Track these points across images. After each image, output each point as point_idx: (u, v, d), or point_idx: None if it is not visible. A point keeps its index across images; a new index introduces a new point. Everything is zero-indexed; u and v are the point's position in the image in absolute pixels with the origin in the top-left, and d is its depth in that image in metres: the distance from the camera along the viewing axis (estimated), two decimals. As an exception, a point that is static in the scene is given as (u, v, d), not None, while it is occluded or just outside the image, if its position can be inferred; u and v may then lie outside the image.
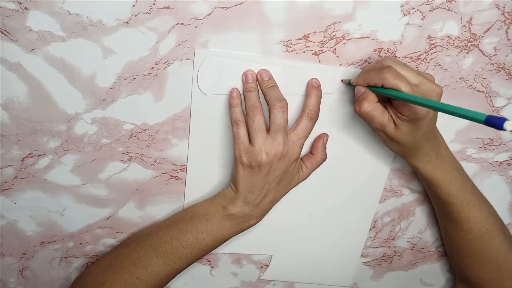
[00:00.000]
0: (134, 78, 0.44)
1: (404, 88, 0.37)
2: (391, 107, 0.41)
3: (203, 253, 0.48)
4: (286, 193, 0.48)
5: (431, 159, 0.45)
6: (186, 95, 0.45)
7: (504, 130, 0.27)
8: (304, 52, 0.43)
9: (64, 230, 0.53)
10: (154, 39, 0.42)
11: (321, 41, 0.43)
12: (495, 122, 0.28)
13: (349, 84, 0.44)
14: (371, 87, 0.40)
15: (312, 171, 0.48)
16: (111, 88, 0.44)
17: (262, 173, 0.44)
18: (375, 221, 0.56)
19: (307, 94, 0.45)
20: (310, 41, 0.43)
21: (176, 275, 0.49)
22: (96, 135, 0.47)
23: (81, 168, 0.49)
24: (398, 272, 0.61)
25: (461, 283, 0.54)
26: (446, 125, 0.49)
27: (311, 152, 0.49)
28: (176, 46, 0.42)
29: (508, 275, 0.49)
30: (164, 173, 0.50)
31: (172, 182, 0.51)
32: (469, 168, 0.53)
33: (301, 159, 0.48)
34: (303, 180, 0.48)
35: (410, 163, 0.46)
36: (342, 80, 0.45)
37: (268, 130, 0.43)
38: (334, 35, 0.43)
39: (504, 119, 0.27)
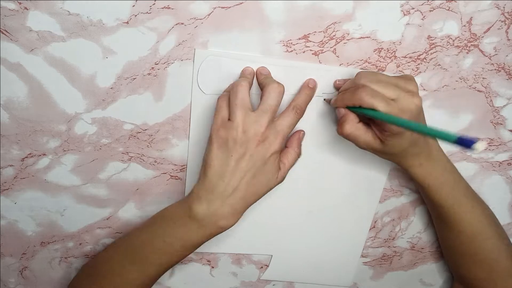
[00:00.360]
0: (134, 78, 0.44)
1: (381, 107, 0.37)
2: (374, 124, 0.40)
3: (175, 259, 0.44)
4: (263, 195, 0.43)
5: (422, 163, 0.44)
6: (186, 95, 0.45)
7: (474, 150, 0.28)
8: (304, 52, 0.43)
9: (64, 230, 0.53)
10: (154, 39, 0.42)
11: (321, 41, 0.43)
12: (466, 143, 0.28)
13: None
14: (350, 107, 0.40)
15: (288, 170, 0.44)
16: (111, 88, 0.44)
17: (235, 155, 0.39)
18: (375, 221, 0.56)
19: (299, 91, 0.44)
20: (310, 41, 0.43)
21: (153, 283, 0.46)
22: (96, 135, 0.47)
23: (81, 168, 0.49)
24: (398, 272, 0.61)
25: (457, 283, 0.54)
26: (446, 124, 0.49)
27: (286, 146, 0.45)
28: (176, 46, 0.42)
29: (501, 276, 0.48)
30: (164, 173, 0.50)
31: (172, 182, 0.51)
32: (469, 168, 0.53)
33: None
34: (281, 181, 0.44)
35: (401, 167, 0.45)
36: (324, 99, 0.45)
37: (255, 110, 0.40)
38: (334, 35, 0.43)
39: (473, 141, 0.28)
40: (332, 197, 0.53)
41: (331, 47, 0.43)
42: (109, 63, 0.42)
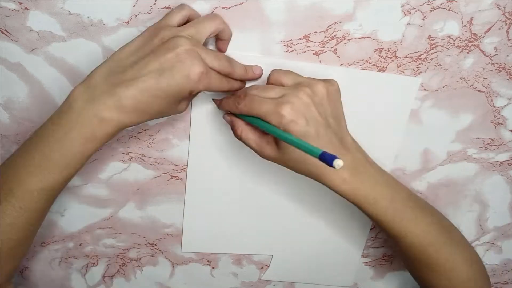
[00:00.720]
0: (135, 78, 0.44)
1: (255, 107, 0.36)
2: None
3: (58, 179, 0.36)
4: (144, 118, 0.36)
5: (345, 178, 0.39)
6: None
7: (333, 167, 0.28)
8: (304, 52, 0.43)
9: (64, 231, 0.53)
10: (155, 39, 0.41)
11: (322, 41, 0.43)
12: (327, 159, 0.29)
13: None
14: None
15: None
16: (112, 88, 0.44)
17: (156, 52, 0.34)
18: (376, 221, 0.56)
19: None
20: (311, 41, 0.43)
21: (43, 217, 0.39)
22: (97, 135, 0.47)
23: (81, 169, 0.48)
24: (399, 272, 0.61)
25: None
26: (447, 125, 0.49)
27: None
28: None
29: (462, 282, 0.46)
30: (164, 173, 0.50)
31: (172, 182, 0.50)
32: (470, 168, 0.53)
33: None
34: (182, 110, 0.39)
35: (323, 184, 0.40)
36: (212, 99, 0.45)
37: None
38: (334, 35, 0.43)
39: (334, 157, 0.29)
40: (333, 197, 0.53)
41: (331, 47, 0.43)
42: (110, 63, 0.42)
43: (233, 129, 0.41)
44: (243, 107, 0.38)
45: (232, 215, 0.53)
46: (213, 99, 0.44)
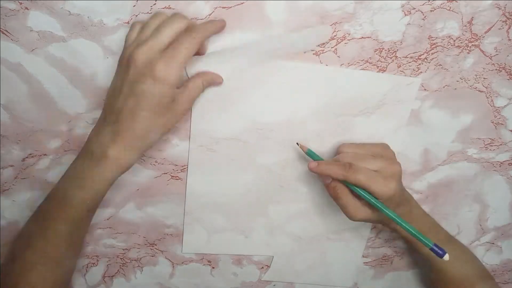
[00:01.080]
0: (135, 78, 0.43)
1: (364, 180, 0.41)
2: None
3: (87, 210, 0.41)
4: (156, 134, 0.40)
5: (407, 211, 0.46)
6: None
7: (444, 259, 0.41)
8: (305, 52, 0.43)
9: (64, 231, 0.53)
10: (155, 39, 0.41)
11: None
12: (437, 252, 0.41)
13: (308, 154, 0.46)
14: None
15: (191, 98, 0.41)
16: (112, 88, 0.44)
17: (121, 75, 0.38)
18: (376, 222, 0.56)
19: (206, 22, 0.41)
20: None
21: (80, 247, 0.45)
22: (97, 135, 0.47)
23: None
24: (399, 272, 0.61)
25: None
26: (447, 125, 0.49)
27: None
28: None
29: None
30: (165, 173, 0.50)
31: (172, 182, 0.50)
32: (470, 168, 0.53)
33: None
34: (184, 111, 0.41)
35: (390, 228, 0.48)
36: (297, 143, 0.47)
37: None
38: (335, 35, 0.43)
39: (444, 252, 0.41)
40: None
41: (332, 47, 0.43)
42: (110, 63, 0.42)
43: (335, 194, 0.44)
44: (352, 177, 0.42)
45: (232, 215, 0.53)
46: (309, 164, 0.44)
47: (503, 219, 0.57)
